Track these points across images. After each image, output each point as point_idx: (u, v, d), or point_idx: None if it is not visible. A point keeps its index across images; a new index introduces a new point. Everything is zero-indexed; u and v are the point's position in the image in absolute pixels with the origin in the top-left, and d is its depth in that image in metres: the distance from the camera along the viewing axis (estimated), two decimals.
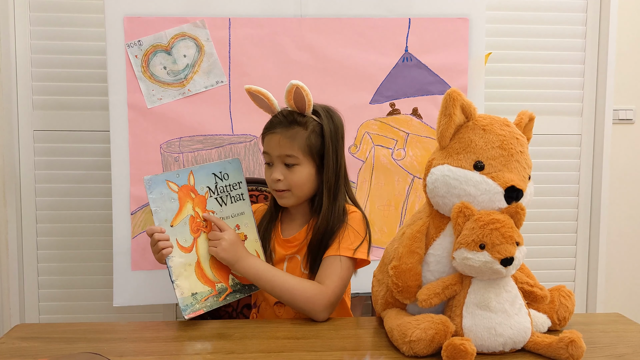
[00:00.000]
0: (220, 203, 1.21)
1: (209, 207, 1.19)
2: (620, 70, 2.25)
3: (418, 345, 0.93)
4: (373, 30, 1.80)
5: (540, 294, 0.99)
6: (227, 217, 1.23)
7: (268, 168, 1.26)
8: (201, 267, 1.17)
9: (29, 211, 2.09)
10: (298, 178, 1.22)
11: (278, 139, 1.21)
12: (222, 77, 1.78)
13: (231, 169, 1.24)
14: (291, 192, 1.23)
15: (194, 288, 1.15)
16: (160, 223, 1.14)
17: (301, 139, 1.21)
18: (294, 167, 1.22)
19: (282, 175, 1.22)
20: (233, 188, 1.23)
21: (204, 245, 1.18)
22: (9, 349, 0.99)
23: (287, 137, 1.21)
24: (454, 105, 0.97)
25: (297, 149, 1.21)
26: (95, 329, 1.11)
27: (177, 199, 1.16)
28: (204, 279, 1.17)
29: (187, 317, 1.13)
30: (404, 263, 0.99)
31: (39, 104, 2.07)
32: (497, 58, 2.14)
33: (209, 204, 1.19)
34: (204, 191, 1.19)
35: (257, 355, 0.96)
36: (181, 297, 1.13)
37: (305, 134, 1.22)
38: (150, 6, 1.74)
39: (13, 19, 2.03)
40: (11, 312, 2.08)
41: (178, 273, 1.14)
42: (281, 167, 1.22)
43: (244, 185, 1.25)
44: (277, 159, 1.22)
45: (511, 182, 0.95)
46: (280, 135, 1.21)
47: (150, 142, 1.76)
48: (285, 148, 1.21)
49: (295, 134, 1.21)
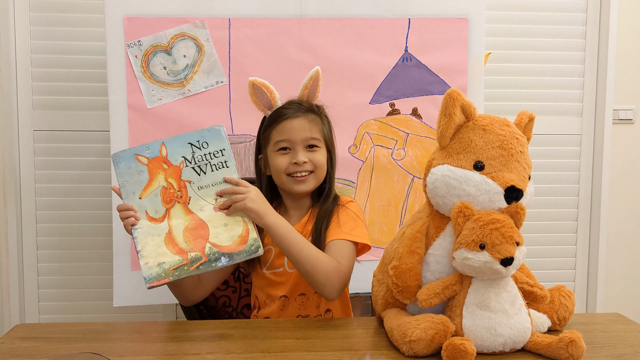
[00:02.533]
0: (199, 172, 1.16)
1: (184, 177, 1.15)
2: (620, 70, 2.25)
3: (418, 345, 0.93)
4: (373, 30, 1.80)
5: (540, 294, 0.99)
6: (207, 185, 1.16)
7: (283, 155, 1.25)
8: (172, 236, 1.14)
9: (29, 211, 2.09)
10: (321, 158, 1.26)
11: (302, 122, 1.24)
12: (222, 77, 1.78)
13: (211, 137, 1.17)
14: (314, 174, 1.26)
15: (162, 258, 1.11)
16: (127, 196, 1.13)
17: (319, 125, 1.27)
18: (316, 150, 1.26)
19: (307, 157, 1.24)
20: (214, 156, 1.17)
21: (178, 215, 1.14)
22: (9, 349, 0.99)
23: (311, 121, 1.25)
24: (454, 105, 0.97)
25: (319, 133, 1.26)
26: (95, 329, 1.11)
27: (146, 171, 1.14)
28: (176, 249, 1.12)
29: (148, 286, 1.09)
30: (404, 263, 0.99)
31: (39, 104, 2.07)
32: (497, 58, 2.14)
33: (184, 173, 1.15)
34: (179, 161, 1.16)
35: (257, 355, 0.96)
36: (145, 266, 1.10)
37: (321, 122, 1.28)
38: (150, 6, 1.74)
39: (13, 19, 2.03)
40: (11, 312, 2.08)
41: (144, 243, 1.11)
42: (304, 151, 1.24)
43: (227, 153, 1.18)
44: (301, 143, 1.24)
45: (511, 182, 0.95)
46: (304, 119, 1.25)
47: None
48: (311, 131, 1.25)
49: (315, 120, 1.27)
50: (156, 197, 1.14)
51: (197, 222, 1.14)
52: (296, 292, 1.27)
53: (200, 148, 1.17)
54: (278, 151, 1.25)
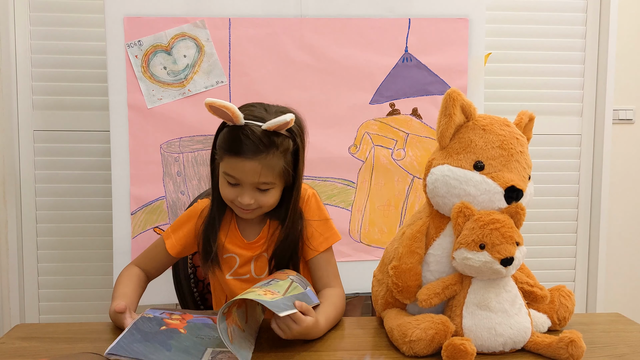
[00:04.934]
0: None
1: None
2: (620, 70, 2.25)
3: (418, 345, 0.93)
4: (373, 30, 1.80)
5: (540, 294, 0.99)
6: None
7: (230, 186, 1.13)
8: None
9: (29, 211, 2.09)
10: (270, 199, 1.15)
11: (254, 166, 1.08)
12: (222, 77, 1.78)
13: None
14: (260, 209, 1.16)
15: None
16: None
17: (278, 164, 1.11)
18: (267, 191, 1.13)
19: (253, 199, 1.13)
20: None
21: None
22: (9, 349, 0.99)
23: (266, 166, 1.09)
24: (454, 105, 0.97)
25: (271, 176, 1.11)
26: (95, 329, 1.11)
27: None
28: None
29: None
30: (404, 263, 0.99)
31: (39, 104, 2.07)
32: (497, 58, 2.14)
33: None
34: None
35: (257, 355, 0.96)
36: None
37: (282, 157, 1.11)
38: (150, 6, 1.74)
39: (13, 19, 2.03)
40: (11, 312, 2.08)
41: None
42: (251, 192, 1.12)
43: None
44: (249, 185, 1.11)
45: (511, 182, 0.95)
46: (257, 163, 1.08)
47: (150, 142, 1.76)
48: (263, 176, 1.10)
49: (273, 160, 1.10)
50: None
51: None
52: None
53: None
54: (226, 178, 1.13)
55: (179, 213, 1.72)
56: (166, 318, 1.04)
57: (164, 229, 1.77)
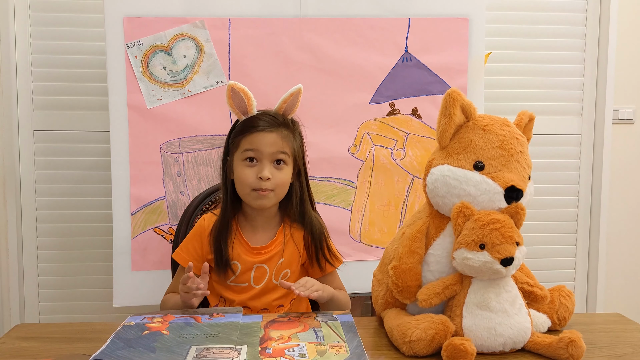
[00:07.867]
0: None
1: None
2: (620, 70, 2.25)
3: (418, 345, 0.93)
4: (373, 30, 1.80)
5: (540, 294, 0.99)
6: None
7: (249, 166, 1.22)
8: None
9: (29, 211, 2.09)
10: (284, 177, 1.24)
11: (274, 137, 1.22)
12: (221, 78, 1.78)
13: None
14: (274, 192, 1.23)
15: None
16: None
17: (291, 140, 1.25)
18: (283, 166, 1.23)
19: (271, 174, 1.21)
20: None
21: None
22: (9, 349, 0.99)
23: (282, 137, 1.23)
24: (454, 105, 0.97)
25: (288, 149, 1.24)
26: (95, 329, 1.11)
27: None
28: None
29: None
30: (404, 263, 0.99)
31: (39, 104, 2.07)
32: (497, 58, 2.14)
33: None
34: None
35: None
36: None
37: (293, 137, 1.26)
38: (150, 6, 1.74)
39: (13, 19, 2.03)
40: (11, 312, 2.08)
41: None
42: (270, 166, 1.22)
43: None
44: (268, 157, 1.22)
45: (511, 182, 0.95)
46: (275, 133, 1.22)
47: (150, 142, 1.76)
48: (281, 146, 1.22)
49: (287, 135, 1.24)
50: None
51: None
52: (259, 305, 1.27)
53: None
54: (245, 160, 1.23)
55: (179, 213, 1.72)
56: (148, 322, 1.06)
57: (164, 229, 1.77)
